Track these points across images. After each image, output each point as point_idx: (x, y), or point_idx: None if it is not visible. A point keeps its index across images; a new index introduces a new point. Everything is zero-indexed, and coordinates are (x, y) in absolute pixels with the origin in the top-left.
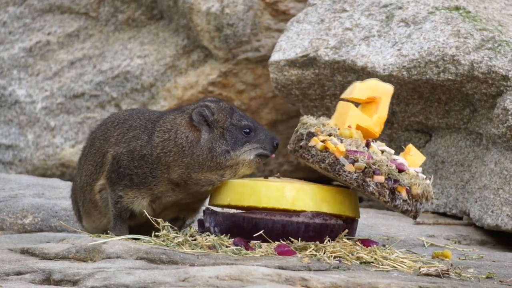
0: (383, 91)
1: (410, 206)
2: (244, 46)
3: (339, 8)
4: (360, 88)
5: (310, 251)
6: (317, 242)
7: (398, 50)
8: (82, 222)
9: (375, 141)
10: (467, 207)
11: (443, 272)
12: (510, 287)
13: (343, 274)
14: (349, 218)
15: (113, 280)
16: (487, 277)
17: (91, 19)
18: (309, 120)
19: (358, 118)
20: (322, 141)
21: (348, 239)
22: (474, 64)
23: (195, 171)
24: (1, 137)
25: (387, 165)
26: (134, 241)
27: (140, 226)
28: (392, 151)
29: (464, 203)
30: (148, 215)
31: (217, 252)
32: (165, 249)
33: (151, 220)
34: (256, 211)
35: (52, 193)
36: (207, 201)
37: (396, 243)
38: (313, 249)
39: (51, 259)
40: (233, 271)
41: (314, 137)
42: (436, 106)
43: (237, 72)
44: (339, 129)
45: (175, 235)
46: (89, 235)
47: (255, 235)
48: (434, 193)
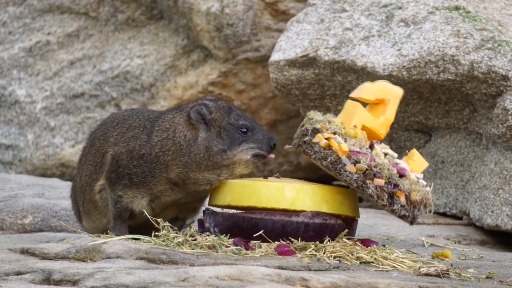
0: (393, 94)
1: (408, 212)
2: (244, 46)
3: (339, 8)
4: (370, 89)
5: (310, 251)
6: (317, 242)
7: (398, 50)
8: (82, 222)
9: (380, 143)
10: (467, 207)
11: (443, 272)
12: (510, 287)
13: (343, 274)
14: (349, 218)
15: (113, 280)
16: (487, 277)
17: (91, 19)
18: (316, 116)
19: (365, 119)
20: (326, 139)
21: (348, 239)
22: (474, 64)
23: (193, 170)
24: (1, 137)
25: (389, 169)
26: (134, 241)
27: (140, 226)
28: (396, 155)
29: (464, 203)
30: (148, 215)
31: (217, 252)
32: (165, 249)
33: (151, 220)
34: (256, 211)
35: (52, 193)
36: (207, 201)
37: (396, 243)
38: (313, 249)
39: (51, 259)
40: (233, 271)
41: (319, 134)
42: (436, 106)
43: (237, 72)
44: (344, 128)
45: (175, 235)
46: (89, 235)
47: (255, 235)
48: (433, 201)
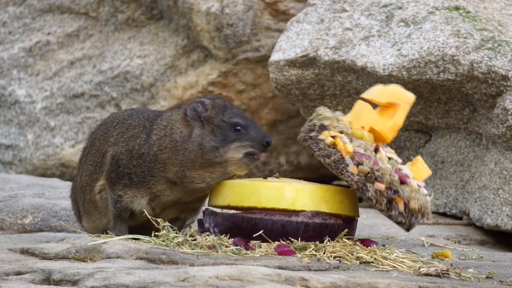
0: (404, 99)
1: (405, 219)
2: (244, 46)
3: (339, 8)
4: (382, 91)
5: (310, 251)
6: (317, 242)
7: (398, 50)
8: (82, 222)
9: (386, 146)
10: (467, 207)
11: (443, 272)
12: (510, 287)
13: (343, 274)
14: (349, 218)
15: (113, 280)
16: (487, 277)
17: (91, 19)
18: (325, 112)
19: (373, 121)
20: (332, 137)
21: (348, 239)
22: (474, 64)
23: (189, 168)
24: (1, 137)
25: (391, 175)
26: (134, 241)
27: (140, 226)
28: (400, 160)
29: (464, 203)
30: (148, 215)
31: (217, 252)
32: (165, 249)
33: (151, 220)
34: (256, 211)
35: (52, 193)
36: (207, 201)
37: (396, 243)
38: (313, 249)
39: (51, 259)
40: (233, 271)
41: (325, 131)
42: (436, 106)
43: (237, 72)
44: (352, 128)
45: (175, 235)
46: (89, 235)
47: (255, 235)
48: (433, 201)
